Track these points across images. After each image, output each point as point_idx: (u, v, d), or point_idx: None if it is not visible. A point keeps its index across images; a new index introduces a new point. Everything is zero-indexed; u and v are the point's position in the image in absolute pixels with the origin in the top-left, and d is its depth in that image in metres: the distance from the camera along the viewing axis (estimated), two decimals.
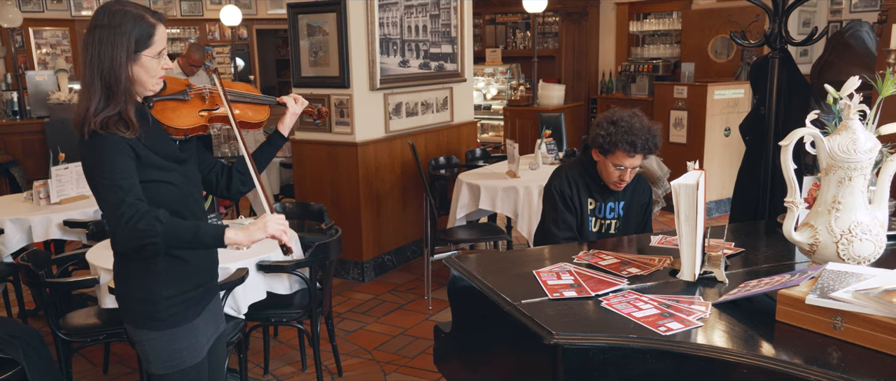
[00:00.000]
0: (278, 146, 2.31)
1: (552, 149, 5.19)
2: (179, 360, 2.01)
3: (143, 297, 1.95)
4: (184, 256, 1.98)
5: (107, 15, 1.82)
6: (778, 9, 2.86)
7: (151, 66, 1.86)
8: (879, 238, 1.82)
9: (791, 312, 1.61)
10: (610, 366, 1.59)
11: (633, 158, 2.62)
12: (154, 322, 1.96)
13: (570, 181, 2.80)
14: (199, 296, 2.06)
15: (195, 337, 2.04)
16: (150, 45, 1.85)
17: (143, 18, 1.84)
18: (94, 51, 1.80)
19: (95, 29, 1.81)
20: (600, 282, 1.92)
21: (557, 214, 2.78)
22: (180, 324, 1.99)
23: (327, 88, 4.84)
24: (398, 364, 3.70)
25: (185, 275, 1.99)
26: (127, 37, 1.81)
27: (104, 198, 1.80)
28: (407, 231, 5.36)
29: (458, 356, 2.26)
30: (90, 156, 1.82)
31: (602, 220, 2.83)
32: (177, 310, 1.98)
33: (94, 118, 1.79)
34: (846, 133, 1.82)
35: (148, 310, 1.95)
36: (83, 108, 1.81)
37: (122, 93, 1.82)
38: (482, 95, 9.39)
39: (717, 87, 6.36)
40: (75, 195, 4.30)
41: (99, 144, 1.80)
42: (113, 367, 3.71)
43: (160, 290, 1.94)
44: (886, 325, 1.45)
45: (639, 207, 2.89)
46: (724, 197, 6.39)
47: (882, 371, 1.38)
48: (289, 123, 2.28)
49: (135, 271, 1.95)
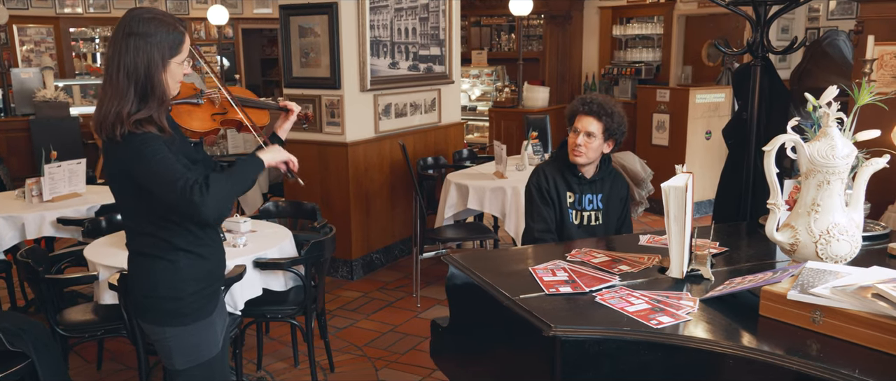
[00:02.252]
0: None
1: (538, 150, 5.29)
2: (200, 354, 2.10)
3: (168, 294, 2.01)
4: (203, 253, 2.06)
5: (141, 23, 1.88)
6: (760, 19, 2.97)
7: (176, 72, 1.96)
8: (855, 239, 1.94)
9: (773, 307, 1.72)
10: (605, 357, 1.68)
11: (583, 119, 2.81)
12: (180, 318, 2.03)
13: (546, 177, 2.93)
14: (216, 290, 2.16)
15: (213, 330, 2.13)
16: (180, 52, 1.94)
17: (174, 28, 1.92)
18: (128, 58, 1.86)
19: (130, 37, 1.87)
20: (594, 278, 2.02)
21: (533, 207, 2.91)
22: (202, 318, 2.08)
23: (318, 89, 4.90)
24: (389, 360, 3.77)
25: (205, 271, 2.07)
26: (161, 45, 1.89)
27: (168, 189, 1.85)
28: (395, 230, 5.43)
29: (455, 350, 2.34)
30: (129, 152, 1.88)
31: (582, 212, 2.94)
32: (200, 305, 2.06)
33: (127, 120, 1.85)
34: (825, 139, 1.93)
35: (174, 307, 2.02)
36: (113, 112, 1.86)
37: (156, 98, 1.89)
38: (467, 97, 9.48)
39: (698, 91, 6.50)
40: (68, 193, 4.32)
41: (139, 142, 1.87)
42: (106, 364, 3.75)
43: (185, 286, 2.02)
44: (861, 319, 1.56)
45: (618, 200, 3.00)
46: (705, 199, 6.53)
47: (857, 362, 1.49)
48: (287, 127, 2.39)
49: (159, 270, 2.01)
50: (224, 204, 1.91)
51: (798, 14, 7.69)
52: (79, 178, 4.42)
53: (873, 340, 1.54)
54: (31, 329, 2.46)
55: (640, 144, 6.79)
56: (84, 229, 3.70)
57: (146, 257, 2.03)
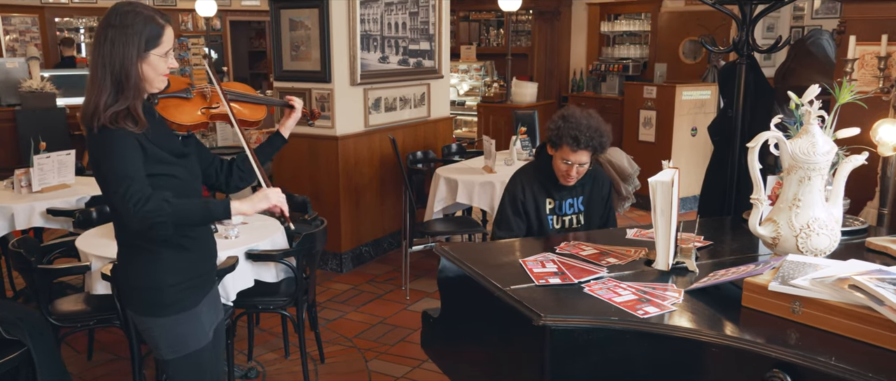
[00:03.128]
0: (278, 147, 2.42)
1: (526, 145, 5.35)
2: (185, 344, 2.12)
3: (149, 285, 2.04)
4: (187, 245, 2.08)
5: (119, 15, 1.91)
6: (745, 18, 3.04)
7: (158, 64, 1.96)
8: (834, 233, 2.01)
9: (755, 297, 1.78)
10: (593, 346, 1.74)
11: (577, 153, 2.70)
12: (160, 309, 2.06)
13: (523, 187, 2.88)
14: (201, 283, 2.17)
15: (199, 322, 2.15)
16: (159, 44, 1.95)
17: (153, 19, 1.94)
18: (106, 49, 1.89)
19: (108, 28, 1.90)
20: (582, 270, 2.07)
21: (503, 215, 2.89)
22: (184, 310, 2.09)
23: (308, 83, 4.93)
24: (378, 351, 3.82)
25: (188, 263, 2.09)
26: (138, 36, 1.90)
27: (113, 189, 1.88)
28: (384, 224, 5.47)
29: (447, 340, 2.39)
30: (99, 149, 1.91)
31: (563, 217, 2.93)
32: (181, 296, 2.07)
33: (104, 113, 1.88)
34: (806, 137, 1.99)
35: (154, 298, 2.05)
36: (93, 103, 1.90)
37: (131, 89, 1.91)
38: (456, 91, 9.52)
39: (685, 88, 6.58)
40: (57, 184, 4.32)
41: (108, 138, 1.89)
42: (97, 354, 3.77)
43: (165, 278, 2.04)
44: (839, 309, 1.62)
45: (600, 199, 2.97)
46: (691, 194, 6.62)
47: (834, 349, 1.55)
48: (290, 125, 2.40)
49: (141, 262, 2.04)
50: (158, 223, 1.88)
51: (783, 12, 7.79)
52: (68, 169, 4.43)
53: (850, 329, 1.60)
54: (28, 318, 2.48)
55: (627, 140, 6.87)
56: (75, 220, 3.71)
57: (130, 248, 2.07)
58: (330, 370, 3.61)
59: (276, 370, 3.62)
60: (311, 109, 2.60)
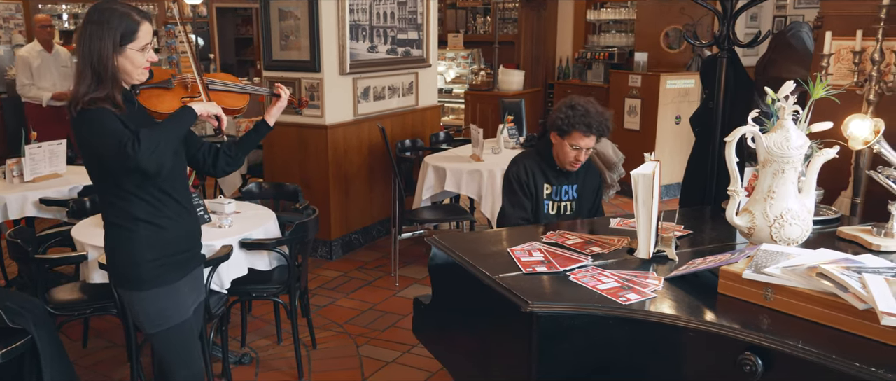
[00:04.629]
0: (263, 134, 2.51)
1: (513, 134, 5.43)
2: (166, 318, 2.26)
3: (128, 260, 2.19)
4: (163, 224, 2.21)
5: (97, 12, 2.06)
6: (727, 12, 3.13)
7: (136, 58, 2.10)
8: (806, 223, 2.11)
9: (730, 285, 1.88)
10: (577, 331, 1.84)
11: (589, 138, 2.89)
12: (140, 283, 2.20)
13: (526, 169, 3.04)
14: (183, 261, 2.30)
15: (178, 297, 2.28)
16: (135, 39, 2.08)
17: (128, 16, 2.07)
18: (85, 44, 2.04)
19: (87, 25, 2.06)
20: (567, 259, 2.17)
21: (514, 197, 3.04)
22: (162, 285, 2.23)
23: (298, 72, 4.97)
24: (369, 337, 3.91)
25: (164, 241, 2.22)
26: (113, 31, 2.04)
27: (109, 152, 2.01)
28: (373, 211, 5.55)
29: (437, 326, 2.48)
30: (83, 126, 2.05)
31: (558, 203, 3.08)
32: (158, 272, 2.21)
33: (83, 98, 2.03)
34: (781, 131, 2.09)
35: (134, 273, 2.19)
36: (75, 92, 2.05)
37: (109, 79, 2.05)
38: (443, 79, 9.57)
39: (669, 76, 6.68)
40: (48, 174, 4.36)
41: (89, 115, 2.04)
42: (92, 341, 3.83)
43: (143, 254, 2.18)
44: (807, 296, 1.73)
45: (591, 190, 3.15)
46: (674, 182, 6.74)
47: (802, 334, 1.65)
48: (275, 113, 2.50)
49: (121, 238, 2.19)
50: (158, 152, 2.02)
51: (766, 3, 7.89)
52: (59, 158, 4.46)
53: (817, 314, 1.71)
54: (31, 307, 2.55)
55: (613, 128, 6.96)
56: (69, 210, 3.76)
57: (112, 227, 2.21)
58: (322, 356, 3.70)
59: (269, 355, 3.71)
60: (300, 98, 2.69)
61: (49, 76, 6.40)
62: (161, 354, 2.34)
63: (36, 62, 6.31)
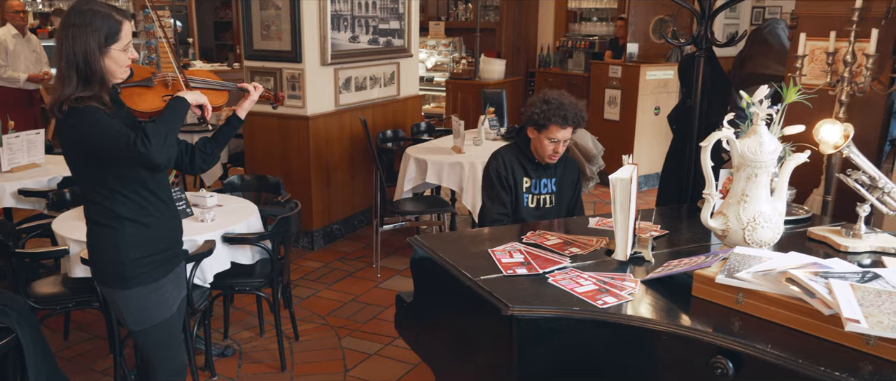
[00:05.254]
0: (235, 127, 2.56)
1: (495, 125, 5.47)
2: (150, 316, 2.29)
3: (112, 259, 2.21)
4: (147, 222, 2.23)
5: (78, 14, 2.05)
6: (704, 13, 3.18)
7: (119, 57, 2.11)
8: (778, 226, 2.18)
9: (704, 288, 1.94)
10: (556, 333, 1.89)
11: (565, 129, 2.95)
12: (124, 281, 2.22)
13: (505, 163, 3.09)
14: (166, 259, 2.32)
15: (162, 295, 2.31)
16: (118, 39, 2.09)
17: (110, 16, 2.08)
18: (68, 46, 2.04)
19: (69, 27, 2.04)
20: (547, 260, 2.22)
21: (493, 192, 3.09)
22: (146, 283, 2.25)
23: (279, 62, 4.96)
24: (351, 329, 3.95)
25: (149, 239, 2.24)
26: (97, 33, 2.05)
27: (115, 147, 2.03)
28: (355, 202, 5.57)
29: (419, 323, 2.53)
30: (72, 124, 2.06)
31: (538, 196, 3.13)
32: (143, 270, 2.24)
33: (69, 99, 2.03)
34: (754, 137, 2.15)
35: (118, 271, 2.21)
36: (59, 94, 2.05)
37: (97, 81, 2.07)
38: (423, 66, 9.57)
39: (649, 68, 6.74)
40: (26, 164, 4.32)
41: (80, 113, 2.05)
42: (73, 333, 3.83)
43: (128, 252, 2.20)
44: (777, 300, 1.79)
45: (570, 183, 3.20)
46: (653, 172, 6.84)
47: (772, 337, 1.72)
48: (247, 107, 2.55)
49: (105, 238, 2.20)
50: (167, 145, 2.07)
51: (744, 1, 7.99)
52: (37, 148, 4.42)
53: (786, 318, 1.77)
54: (14, 305, 2.55)
55: (592, 118, 7.01)
56: (48, 202, 3.74)
57: (95, 225, 2.22)
58: (304, 348, 3.74)
59: (251, 347, 3.74)
60: (276, 94, 2.73)
61: (24, 59, 6.53)
62: (145, 350, 2.38)
63: (11, 45, 6.42)
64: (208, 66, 9.86)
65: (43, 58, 6.79)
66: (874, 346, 1.61)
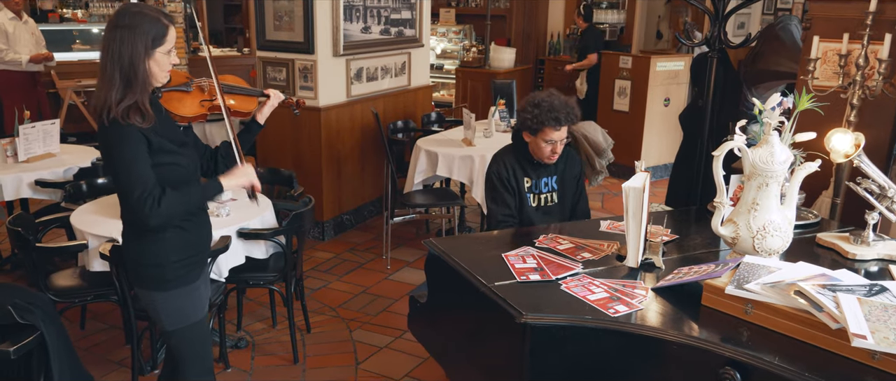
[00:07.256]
0: (255, 132, 2.64)
1: (505, 117, 5.49)
2: (186, 316, 2.35)
3: (153, 262, 2.25)
4: (187, 226, 2.29)
5: (127, 16, 2.08)
6: (718, 14, 3.18)
7: (163, 61, 2.15)
8: (787, 235, 2.21)
9: (713, 298, 1.98)
10: (568, 341, 1.93)
11: (560, 130, 2.97)
12: (164, 284, 2.27)
13: (506, 166, 3.11)
14: (200, 260, 2.39)
15: (198, 295, 2.38)
16: (164, 43, 2.13)
17: (158, 20, 2.11)
18: (115, 48, 2.07)
19: (116, 29, 2.08)
20: (559, 266, 2.26)
21: (496, 194, 3.11)
22: (185, 285, 2.32)
23: (292, 53, 4.99)
24: (362, 321, 4.01)
25: (187, 242, 2.30)
26: (145, 36, 2.08)
27: (127, 190, 2.09)
28: (365, 192, 5.61)
29: (432, 324, 2.58)
30: (109, 141, 2.10)
31: (539, 195, 3.15)
32: (182, 272, 2.29)
33: (115, 107, 2.06)
34: (766, 147, 2.17)
35: (158, 274, 2.26)
36: (104, 98, 2.08)
37: (139, 84, 2.09)
38: (433, 54, 9.56)
39: (659, 59, 6.73)
40: (42, 154, 4.38)
41: (118, 132, 2.08)
42: (89, 323, 3.90)
43: (169, 256, 2.25)
44: (785, 312, 1.83)
45: (571, 178, 3.21)
46: (662, 163, 6.84)
47: (779, 349, 1.76)
48: (266, 113, 2.62)
49: (146, 241, 2.24)
50: (172, 217, 2.15)
51: None
52: (53, 138, 4.48)
53: (794, 330, 1.81)
54: (39, 303, 2.61)
55: (602, 109, 7.03)
56: (65, 193, 3.79)
57: (134, 228, 2.26)
58: (316, 340, 3.80)
59: (264, 339, 3.80)
60: (298, 101, 2.82)
61: (24, 41, 6.62)
62: (177, 350, 2.41)
63: (10, 28, 6.52)
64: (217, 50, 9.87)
65: (41, 41, 6.87)
66: (879, 360, 1.65)
